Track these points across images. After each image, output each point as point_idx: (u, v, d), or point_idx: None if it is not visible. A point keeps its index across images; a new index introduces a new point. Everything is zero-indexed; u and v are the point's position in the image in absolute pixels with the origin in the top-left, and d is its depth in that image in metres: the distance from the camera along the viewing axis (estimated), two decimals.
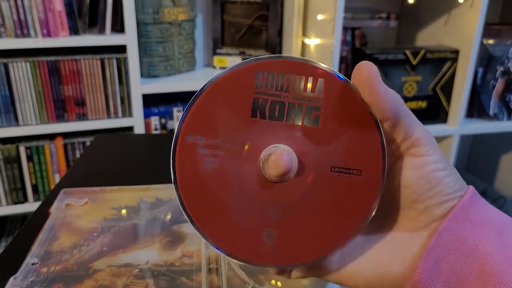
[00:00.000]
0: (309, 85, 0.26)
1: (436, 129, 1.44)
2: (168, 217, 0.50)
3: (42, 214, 0.50)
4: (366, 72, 0.25)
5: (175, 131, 0.26)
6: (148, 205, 0.52)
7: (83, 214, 0.50)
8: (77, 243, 0.45)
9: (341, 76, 0.26)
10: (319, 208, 0.26)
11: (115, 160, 0.68)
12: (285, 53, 1.48)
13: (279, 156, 0.25)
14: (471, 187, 0.27)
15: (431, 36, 1.53)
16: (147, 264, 0.42)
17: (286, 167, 0.25)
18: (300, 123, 0.26)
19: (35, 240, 0.45)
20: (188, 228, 0.47)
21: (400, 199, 0.27)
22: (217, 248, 0.27)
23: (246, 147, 0.26)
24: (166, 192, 0.55)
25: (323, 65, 0.26)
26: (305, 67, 0.26)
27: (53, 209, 0.51)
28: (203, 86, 0.26)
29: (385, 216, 0.28)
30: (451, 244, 0.25)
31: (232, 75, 0.26)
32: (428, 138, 0.26)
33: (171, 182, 0.27)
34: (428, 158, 0.26)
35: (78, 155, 1.35)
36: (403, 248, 0.27)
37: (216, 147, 0.26)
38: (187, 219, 0.27)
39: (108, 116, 1.33)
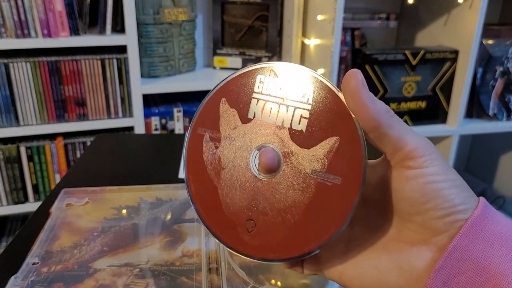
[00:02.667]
0: (301, 91, 0.28)
1: (436, 129, 1.44)
2: (168, 217, 0.50)
3: (42, 214, 0.50)
4: (353, 81, 0.26)
5: (191, 122, 0.31)
6: (148, 205, 0.52)
7: (83, 214, 0.50)
8: (77, 243, 0.45)
9: (331, 85, 0.27)
10: (297, 207, 0.28)
11: (115, 160, 0.68)
12: (284, 54, 1.48)
13: (264, 154, 0.28)
14: (481, 199, 0.26)
15: (430, 37, 1.53)
16: (148, 264, 0.42)
17: (269, 165, 0.27)
18: (288, 126, 0.28)
19: (35, 240, 0.45)
20: (188, 228, 0.48)
21: (400, 210, 0.27)
22: (206, 227, 0.30)
23: (240, 143, 0.29)
24: (166, 192, 0.55)
25: (316, 73, 0.28)
26: (299, 73, 0.28)
27: (53, 209, 0.51)
28: (216, 86, 0.30)
29: (390, 225, 0.28)
30: (462, 264, 0.24)
31: (238, 77, 0.29)
32: (424, 150, 0.26)
33: (170, 182, 0.28)
34: (423, 170, 0.25)
35: (78, 155, 1.35)
36: (401, 260, 0.27)
37: (217, 140, 0.29)
38: (189, 198, 0.30)
39: (109, 116, 1.33)
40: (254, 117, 0.29)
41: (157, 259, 0.43)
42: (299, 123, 0.28)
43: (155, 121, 1.38)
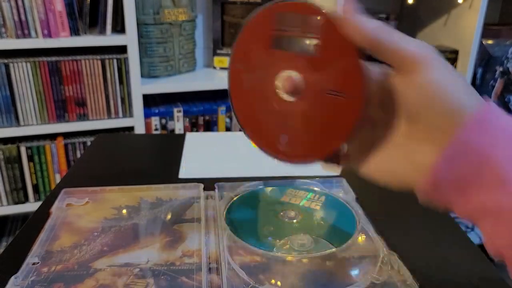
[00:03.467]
0: (313, 23, 0.32)
1: None
2: (168, 217, 0.50)
3: (42, 214, 0.50)
4: (342, 8, 0.29)
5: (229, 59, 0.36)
6: (148, 205, 0.52)
7: (83, 214, 0.50)
8: (77, 243, 0.45)
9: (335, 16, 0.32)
10: (321, 119, 0.33)
11: (116, 160, 0.68)
12: None
13: (287, 78, 0.32)
14: (489, 102, 0.27)
15: (430, 37, 1.53)
16: (148, 264, 0.42)
17: (292, 87, 0.32)
18: (304, 54, 0.32)
19: (35, 240, 0.45)
20: (188, 228, 0.48)
21: (406, 111, 0.29)
22: (248, 137, 0.36)
23: (266, 71, 0.34)
24: (166, 192, 0.55)
25: (326, 8, 0.32)
26: (311, 9, 0.31)
27: (53, 209, 0.50)
28: (244, 23, 0.34)
29: (399, 122, 0.30)
30: (464, 157, 0.26)
31: (260, 15, 0.33)
32: (425, 54, 0.28)
33: (170, 182, 0.27)
34: (423, 74, 0.27)
35: (78, 155, 1.35)
36: (412, 158, 0.29)
37: (250, 71, 0.35)
38: (234, 114, 0.36)
39: (109, 116, 1.33)
40: (276, 48, 0.33)
41: (157, 259, 0.42)
42: (312, 50, 0.32)
43: (155, 121, 1.39)
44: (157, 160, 0.69)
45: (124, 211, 0.51)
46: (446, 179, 0.27)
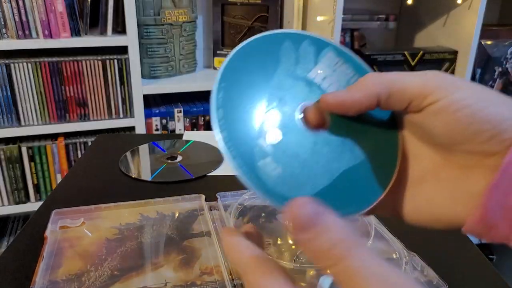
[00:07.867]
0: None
1: None
2: (175, 232, 0.47)
3: (32, 237, 0.46)
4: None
5: None
6: (150, 221, 0.49)
7: (82, 236, 0.46)
8: (83, 269, 0.41)
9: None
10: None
11: (117, 160, 0.68)
12: None
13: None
14: None
15: (429, 37, 1.54)
16: (167, 286, 0.39)
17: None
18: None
19: (35, 269, 0.41)
20: (199, 243, 0.45)
21: (440, 145, 0.26)
22: None
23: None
24: (166, 206, 0.52)
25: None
26: None
27: (48, 233, 0.46)
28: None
29: (436, 154, 0.27)
30: None
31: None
32: (437, 83, 0.25)
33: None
34: (445, 100, 0.24)
35: (79, 155, 1.36)
36: (454, 187, 0.26)
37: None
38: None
39: (110, 116, 1.34)
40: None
41: (176, 280, 0.39)
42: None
43: (155, 121, 1.39)
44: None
45: (126, 229, 0.47)
46: (497, 212, 0.23)
